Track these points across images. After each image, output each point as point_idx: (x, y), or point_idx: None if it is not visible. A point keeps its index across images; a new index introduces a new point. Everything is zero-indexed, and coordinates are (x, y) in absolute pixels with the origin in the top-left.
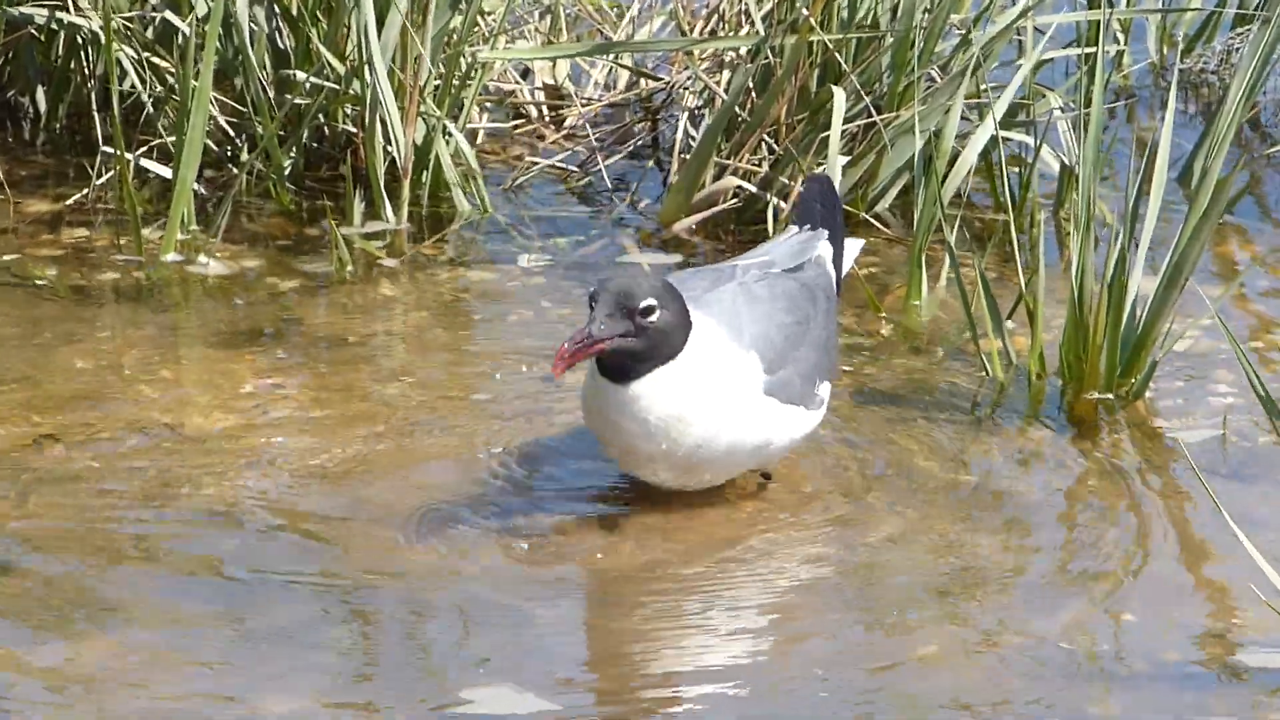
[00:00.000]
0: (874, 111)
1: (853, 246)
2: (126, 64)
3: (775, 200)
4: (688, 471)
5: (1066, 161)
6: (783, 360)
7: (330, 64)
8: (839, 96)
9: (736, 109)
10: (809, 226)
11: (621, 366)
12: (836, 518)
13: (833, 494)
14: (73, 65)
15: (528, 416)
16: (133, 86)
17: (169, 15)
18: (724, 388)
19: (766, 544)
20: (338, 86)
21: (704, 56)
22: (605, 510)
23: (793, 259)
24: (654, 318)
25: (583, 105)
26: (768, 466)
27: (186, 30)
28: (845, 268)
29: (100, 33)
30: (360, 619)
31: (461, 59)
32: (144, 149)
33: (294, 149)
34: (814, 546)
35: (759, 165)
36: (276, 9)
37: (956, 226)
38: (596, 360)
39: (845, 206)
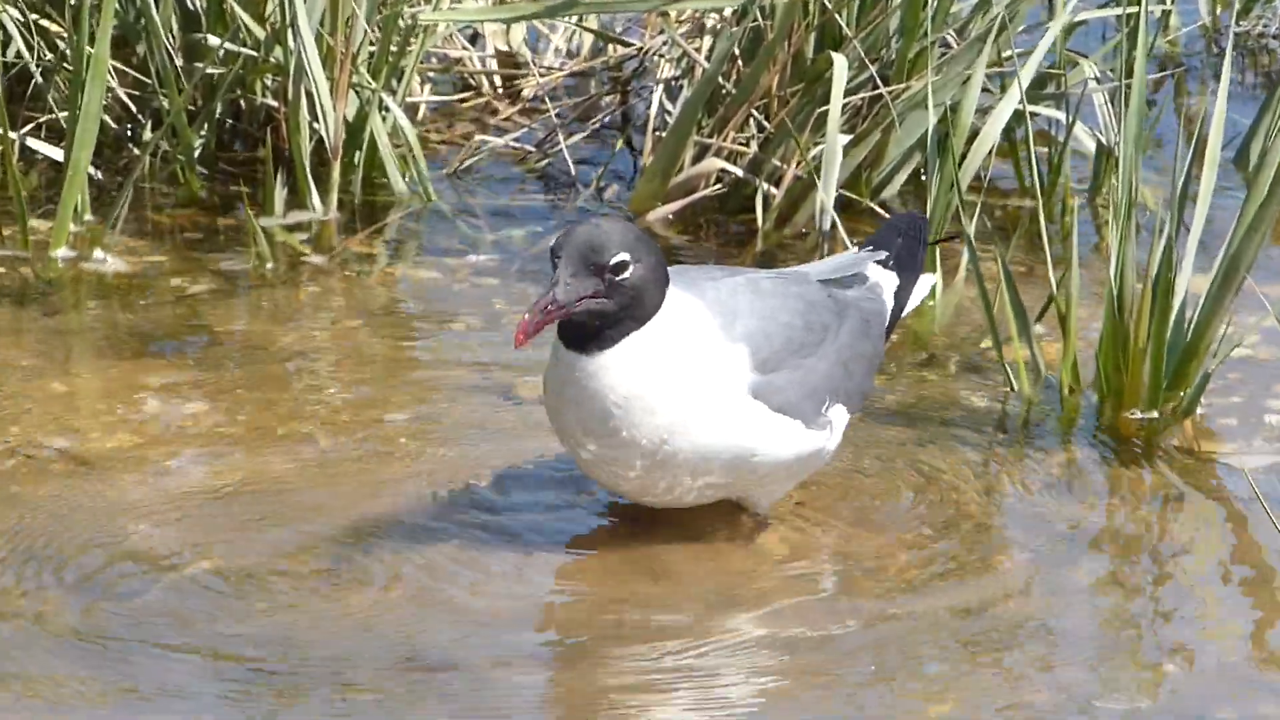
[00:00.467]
0: (880, 82)
1: (923, 284)
2: (11, 28)
3: (765, 186)
4: (655, 471)
5: (1104, 140)
6: (779, 363)
7: (247, 27)
8: (839, 64)
9: (720, 79)
10: (871, 247)
11: (586, 333)
12: (839, 557)
13: (835, 529)
14: None
15: (476, 440)
16: (18, 54)
17: None
18: (699, 373)
19: (757, 594)
20: (256, 53)
21: (682, 18)
22: (564, 549)
23: (832, 272)
24: (628, 274)
25: (541, 75)
26: (759, 499)
27: None
28: (910, 305)
29: None
30: (273, 693)
31: (400, 21)
32: (31, 126)
33: (205, 126)
34: (815, 594)
35: (746, 145)
36: None
37: (976, 215)
38: (559, 328)
39: (847, 193)
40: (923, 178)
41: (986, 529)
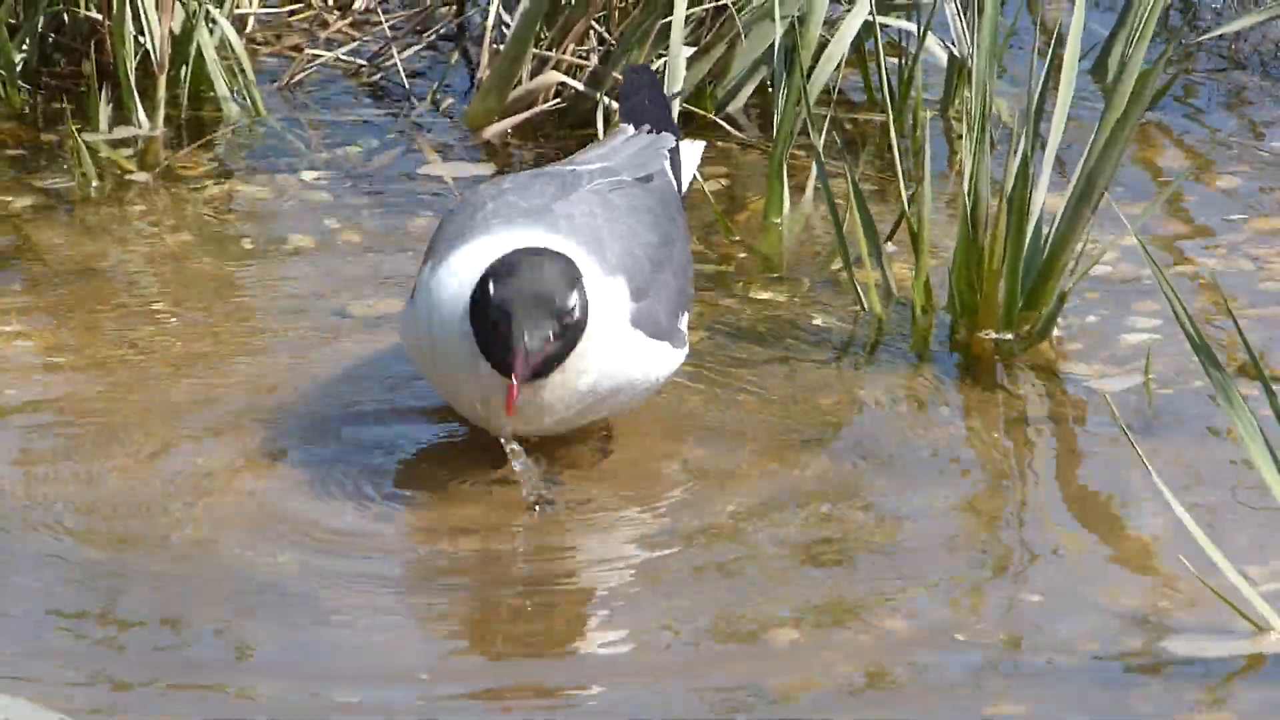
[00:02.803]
0: None
1: (692, 151)
2: None
3: (607, 100)
4: (549, 413)
5: (956, 52)
6: (648, 287)
7: None
8: None
9: None
10: (648, 128)
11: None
12: (684, 485)
13: (678, 456)
14: None
15: (313, 356)
16: None
17: None
18: (592, 319)
19: (599, 523)
20: None
21: None
22: (401, 485)
23: (641, 167)
24: (576, 313)
25: None
26: (615, 417)
27: None
28: (686, 178)
29: None
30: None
31: None
32: None
33: (27, 40)
34: (658, 520)
35: (586, 58)
36: None
37: (825, 129)
38: (481, 346)
39: (692, 107)
40: (769, 91)
41: (836, 452)
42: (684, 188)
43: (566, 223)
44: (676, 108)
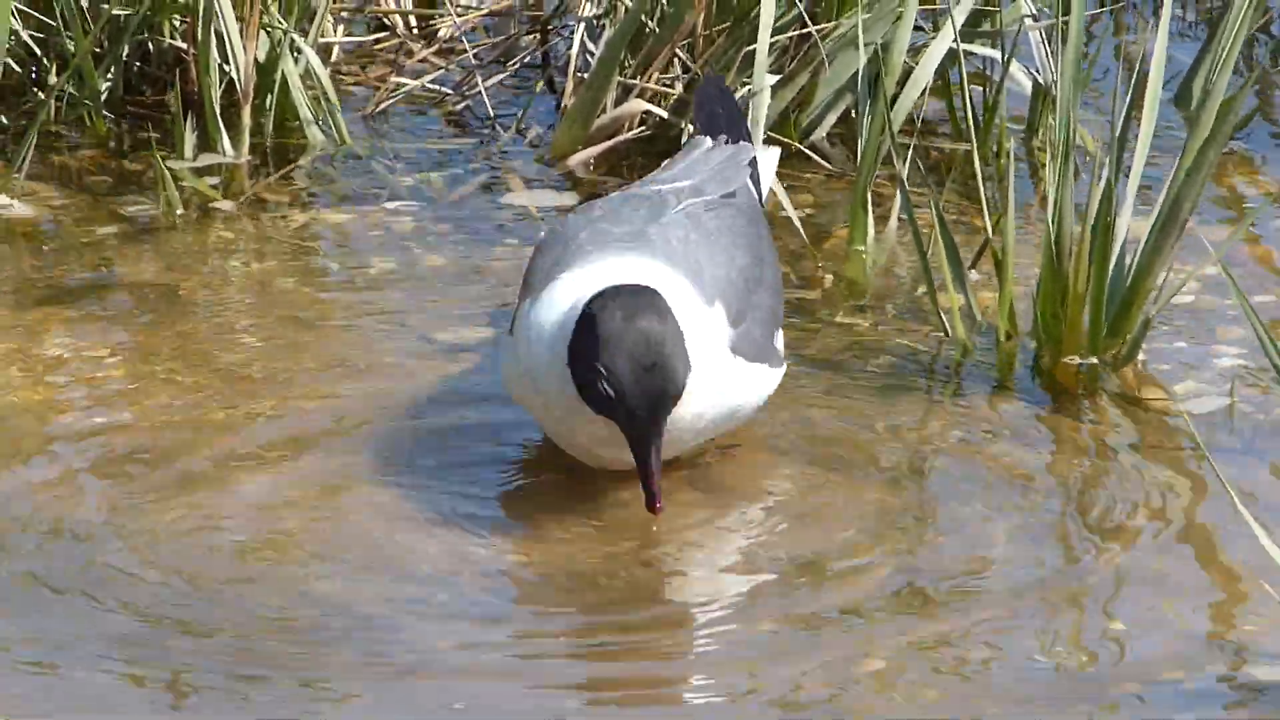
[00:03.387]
0: (809, 20)
1: (768, 158)
2: None
3: (691, 128)
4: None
5: (1040, 80)
6: (745, 311)
7: None
8: (767, 2)
9: (643, 18)
10: (725, 139)
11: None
12: (768, 514)
13: (764, 483)
14: None
15: (402, 384)
16: None
17: None
18: (694, 347)
19: (685, 550)
20: None
21: None
22: (506, 507)
23: (726, 183)
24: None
25: (458, 15)
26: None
27: None
28: (765, 186)
29: None
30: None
31: None
32: None
33: (112, 69)
34: (743, 549)
35: (671, 86)
36: None
37: (909, 158)
38: (576, 373)
39: (776, 135)
40: (853, 119)
41: (921, 478)
42: (764, 196)
43: (664, 247)
44: (760, 137)
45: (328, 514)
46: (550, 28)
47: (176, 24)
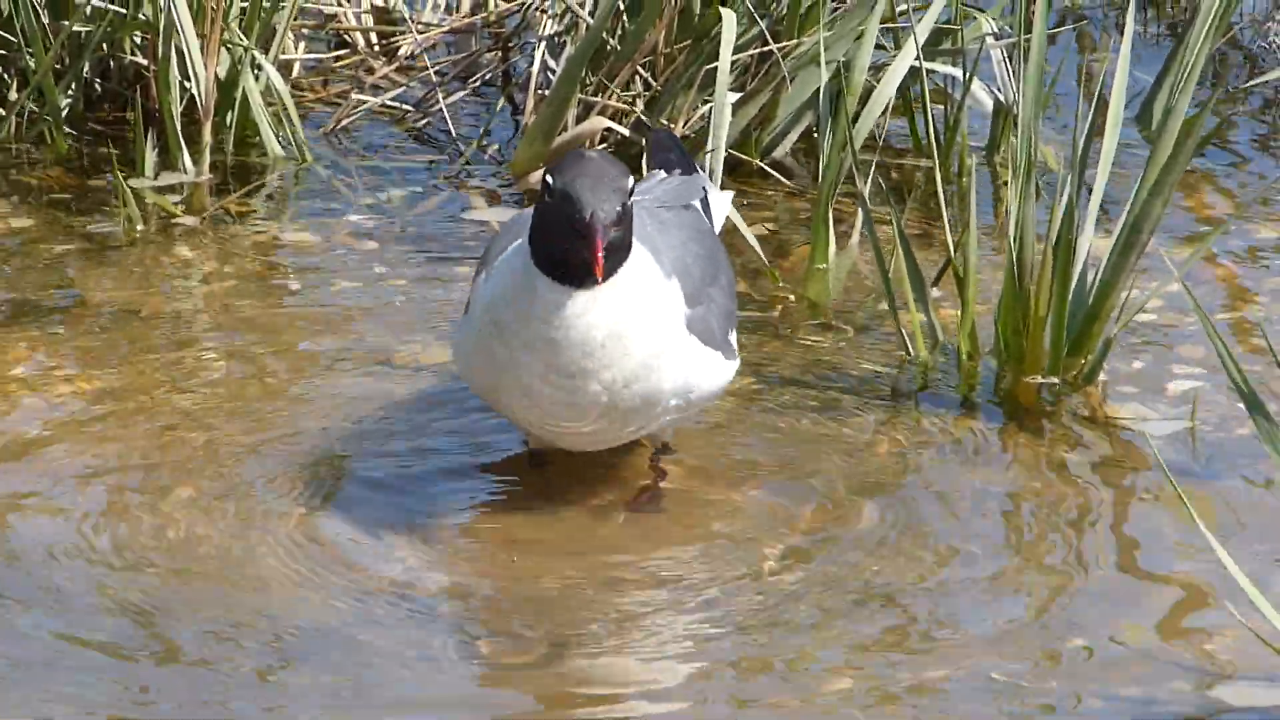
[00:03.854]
0: (770, 38)
1: (722, 201)
2: None
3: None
4: (607, 417)
5: (1002, 98)
6: (699, 296)
7: None
8: (728, 20)
9: (604, 35)
10: (680, 172)
11: (583, 266)
12: (728, 529)
13: (723, 501)
14: None
15: (363, 399)
16: None
17: None
18: (658, 312)
19: (648, 567)
20: (124, 10)
21: None
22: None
23: (679, 199)
24: (630, 200)
25: (419, 32)
26: (668, 432)
27: None
28: (718, 223)
29: None
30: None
31: None
32: None
33: (73, 86)
34: (703, 565)
35: (632, 104)
36: None
37: (870, 176)
38: (544, 263)
39: (737, 153)
40: (815, 137)
41: (882, 497)
42: (716, 228)
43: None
44: (721, 155)
45: (287, 527)
46: (511, 45)
47: (137, 40)
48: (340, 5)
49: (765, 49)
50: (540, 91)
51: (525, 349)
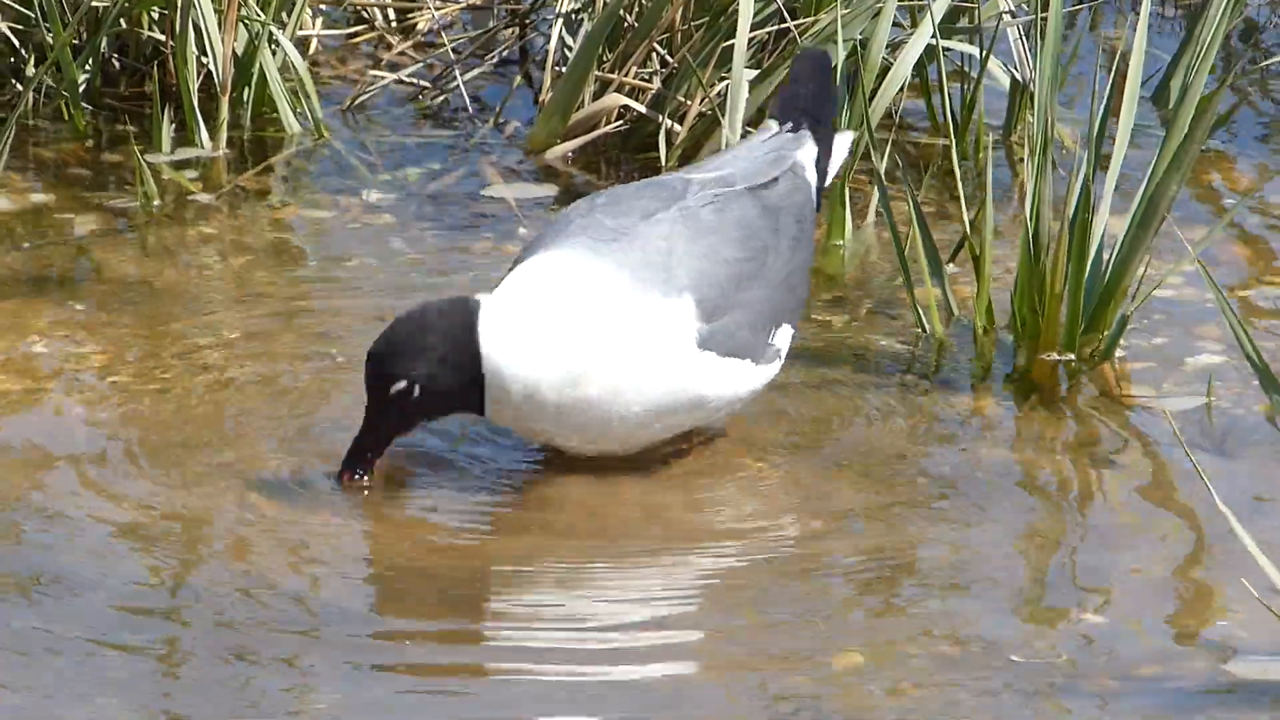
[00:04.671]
0: (787, 15)
1: (843, 143)
2: None
3: (669, 122)
4: (610, 434)
5: (1019, 76)
6: (727, 305)
7: None
8: None
9: (622, 13)
10: (790, 126)
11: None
12: (741, 506)
13: (736, 474)
14: None
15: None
16: None
17: None
18: (640, 344)
19: (658, 538)
20: None
21: None
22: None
23: (761, 174)
24: (413, 396)
25: (437, 8)
26: (710, 427)
27: None
28: (831, 172)
29: None
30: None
31: None
32: None
33: (90, 61)
34: (719, 542)
35: (649, 81)
36: None
37: (887, 153)
38: None
39: (752, 129)
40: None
41: (896, 473)
42: (826, 182)
43: (639, 242)
44: (738, 132)
45: (301, 507)
46: (529, 22)
47: (155, 16)
48: None
49: (782, 26)
50: (557, 68)
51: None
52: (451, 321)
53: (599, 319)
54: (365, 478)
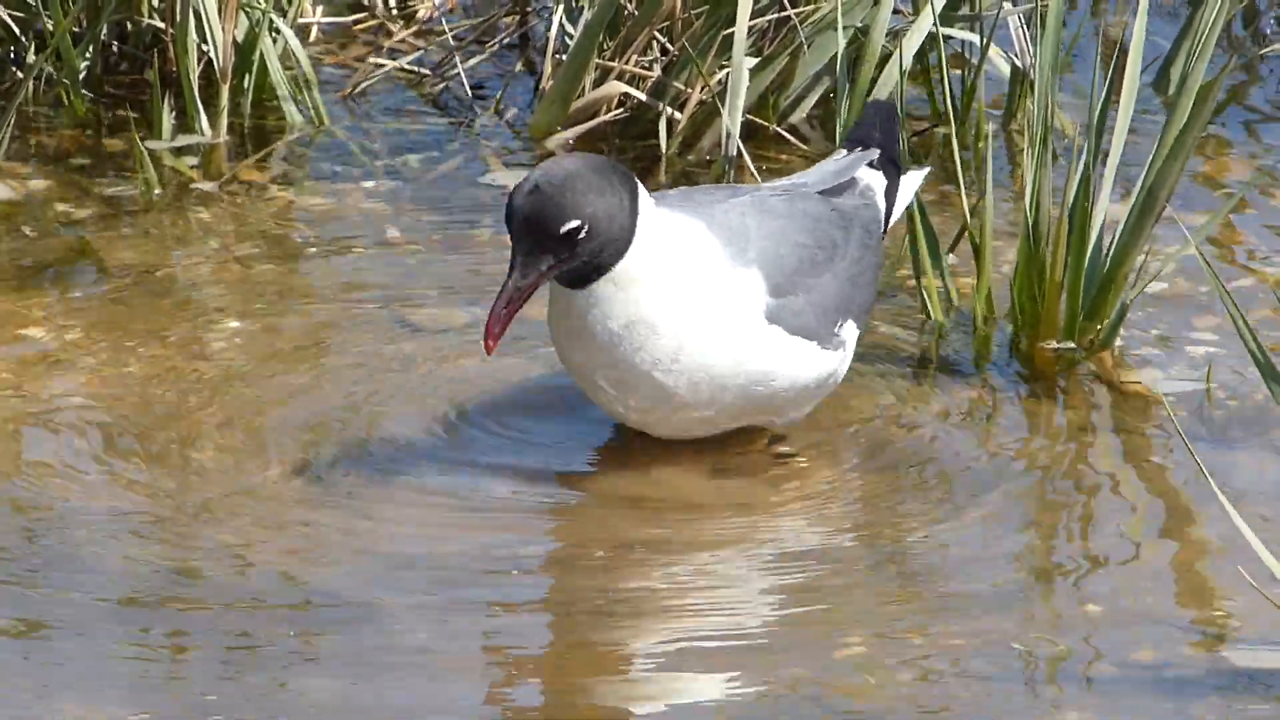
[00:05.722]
0: (787, 3)
1: (913, 179)
2: None
3: (669, 110)
4: (664, 398)
5: (1019, 64)
6: (793, 285)
7: None
8: None
9: (622, 0)
10: (860, 148)
11: (569, 278)
12: (742, 490)
13: (738, 463)
14: None
15: (381, 365)
16: None
17: None
18: (706, 297)
19: (667, 525)
20: None
21: None
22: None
23: (829, 181)
24: (582, 237)
25: None
26: (778, 418)
27: None
28: (901, 205)
29: None
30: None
31: None
32: None
33: (91, 48)
34: (722, 529)
35: (649, 68)
36: None
37: None
38: None
39: (753, 117)
40: (832, 102)
41: (897, 460)
42: (894, 213)
43: (720, 216)
44: (739, 119)
45: (303, 495)
46: (529, 9)
47: (155, 3)
48: None
49: (782, 14)
50: (558, 56)
51: (566, 342)
52: (622, 174)
53: (692, 268)
54: (499, 332)
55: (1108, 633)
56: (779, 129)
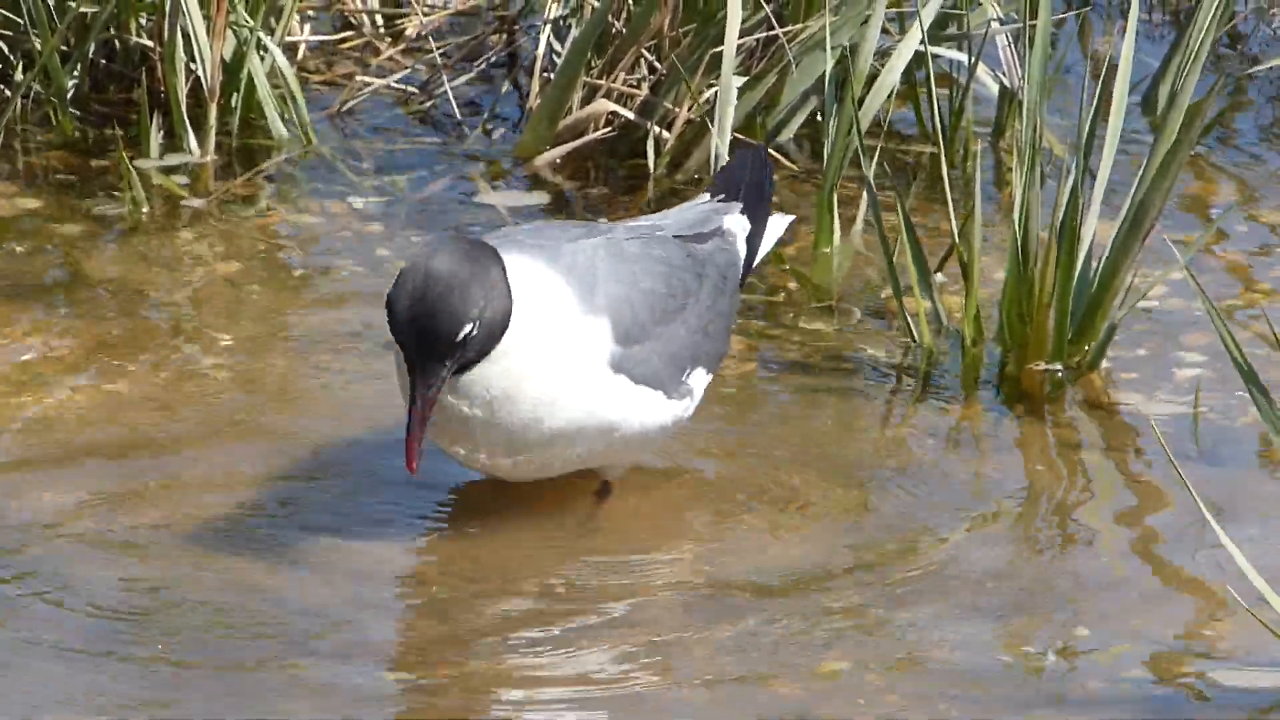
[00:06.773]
0: (776, 22)
1: (777, 225)
2: None
3: (657, 129)
4: (520, 453)
5: (1007, 83)
6: (642, 333)
7: None
8: (734, 3)
9: (610, 18)
10: (723, 196)
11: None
12: (731, 517)
13: (724, 483)
14: None
15: (362, 385)
16: None
17: None
18: (561, 358)
19: (641, 545)
20: None
21: None
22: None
23: (690, 227)
24: (475, 336)
25: (424, 14)
26: (612, 468)
27: None
28: (763, 250)
29: None
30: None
31: None
32: None
33: (79, 67)
34: (704, 552)
35: (637, 87)
36: None
37: (875, 160)
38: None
39: (742, 136)
40: (820, 121)
41: (884, 482)
42: (757, 259)
43: (566, 258)
44: (727, 138)
45: (287, 516)
46: (517, 27)
47: (143, 22)
48: None
49: (771, 33)
50: (545, 74)
51: (442, 420)
52: (488, 252)
53: (547, 321)
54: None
55: (1095, 652)
56: (767, 148)
